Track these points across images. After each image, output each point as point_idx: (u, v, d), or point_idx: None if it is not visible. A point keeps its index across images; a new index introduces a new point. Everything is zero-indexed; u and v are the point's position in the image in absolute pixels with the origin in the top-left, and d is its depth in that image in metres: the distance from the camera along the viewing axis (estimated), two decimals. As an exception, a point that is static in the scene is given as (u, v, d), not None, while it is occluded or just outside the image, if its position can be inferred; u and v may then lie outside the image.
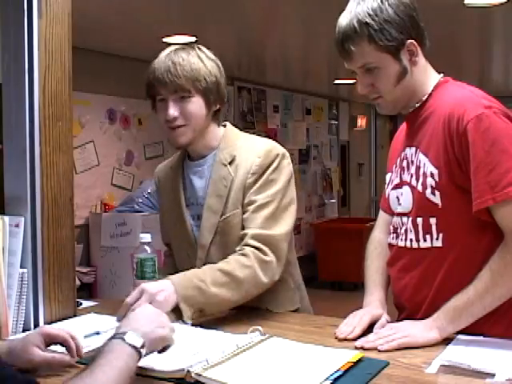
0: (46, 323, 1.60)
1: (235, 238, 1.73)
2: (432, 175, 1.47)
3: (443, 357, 1.29)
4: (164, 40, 4.66)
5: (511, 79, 7.77)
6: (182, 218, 1.83)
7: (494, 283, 1.37)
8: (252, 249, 1.65)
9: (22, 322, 1.55)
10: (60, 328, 1.32)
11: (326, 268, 7.62)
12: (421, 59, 1.54)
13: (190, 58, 1.72)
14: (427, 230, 1.50)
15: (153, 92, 1.75)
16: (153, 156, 5.60)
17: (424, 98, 1.55)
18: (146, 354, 1.13)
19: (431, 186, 1.47)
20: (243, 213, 1.73)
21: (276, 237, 1.69)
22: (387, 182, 1.72)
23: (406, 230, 1.56)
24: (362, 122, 9.44)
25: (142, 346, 1.10)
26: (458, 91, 1.51)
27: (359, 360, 1.27)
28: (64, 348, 1.28)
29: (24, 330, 1.55)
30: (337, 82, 7.27)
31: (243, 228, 1.72)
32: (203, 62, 1.74)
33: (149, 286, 1.53)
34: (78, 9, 1.79)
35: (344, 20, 1.50)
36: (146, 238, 1.70)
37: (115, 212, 4.78)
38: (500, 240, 1.40)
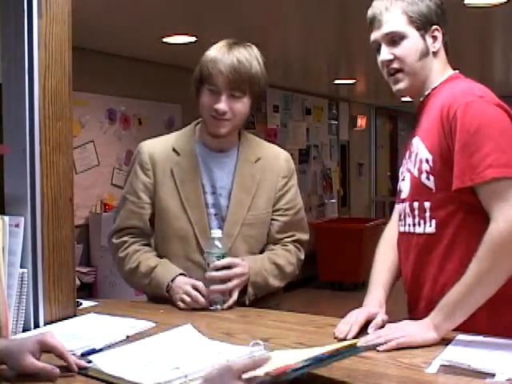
0: (46, 323, 1.60)
1: (262, 233, 1.92)
2: (427, 161, 1.52)
3: (443, 357, 1.29)
4: (164, 40, 4.66)
5: (511, 79, 7.77)
6: (200, 205, 1.87)
7: (482, 273, 1.37)
8: (294, 248, 1.95)
9: (22, 322, 1.55)
10: (60, 343, 1.27)
11: (325, 268, 7.62)
12: (441, 50, 1.61)
13: (252, 59, 1.84)
14: (422, 215, 1.54)
15: (207, 80, 1.81)
16: (153, 156, 5.61)
17: (432, 87, 1.60)
18: None
19: (426, 171, 1.52)
20: (279, 215, 1.93)
21: (306, 240, 2.01)
22: (399, 175, 1.72)
23: (405, 216, 1.61)
24: (361, 121, 9.45)
25: None
26: (459, 84, 1.56)
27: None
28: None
29: (24, 330, 1.55)
30: (337, 81, 7.27)
31: (277, 227, 1.93)
32: (260, 66, 1.86)
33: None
34: (79, 9, 1.79)
35: None
36: (218, 233, 1.78)
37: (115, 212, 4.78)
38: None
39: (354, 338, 1.44)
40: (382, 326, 1.48)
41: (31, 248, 1.59)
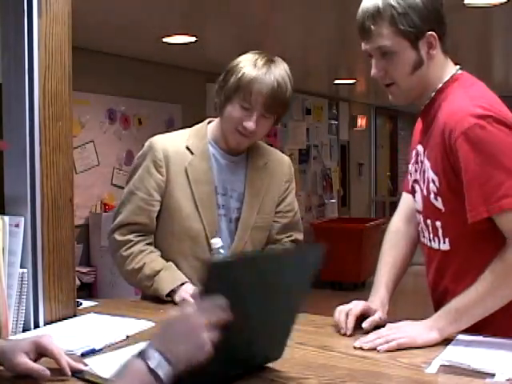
0: (46, 323, 1.60)
1: (266, 236, 1.98)
2: (433, 181, 1.48)
3: (443, 357, 1.29)
4: (164, 40, 4.66)
5: (511, 79, 7.77)
6: (212, 206, 1.88)
7: (496, 285, 1.36)
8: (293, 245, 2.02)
9: (22, 322, 1.55)
10: (56, 346, 1.25)
11: (325, 268, 7.59)
12: (438, 54, 1.50)
13: (287, 81, 1.82)
14: (435, 232, 1.53)
15: (243, 96, 1.79)
16: (153, 156, 5.61)
17: (435, 90, 1.51)
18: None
19: (433, 192, 1.49)
20: (280, 217, 1.99)
21: (302, 240, 2.09)
22: (410, 165, 1.67)
23: (422, 228, 1.60)
24: (361, 121, 9.45)
25: (167, 373, 0.95)
26: (459, 97, 1.47)
27: None
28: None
29: (24, 330, 1.55)
30: (337, 81, 7.28)
31: (277, 229, 1.99)
32: (291, 87, 1.85)
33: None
34: (79, 9, 1.79)
35: None
36: (218, 242, 1.77)
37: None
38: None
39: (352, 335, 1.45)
40: (382, 326, 1.48)
41: (31, 248, 1.59)
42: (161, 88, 5.66)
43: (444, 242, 1.51)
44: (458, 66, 1.56)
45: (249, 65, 1.80)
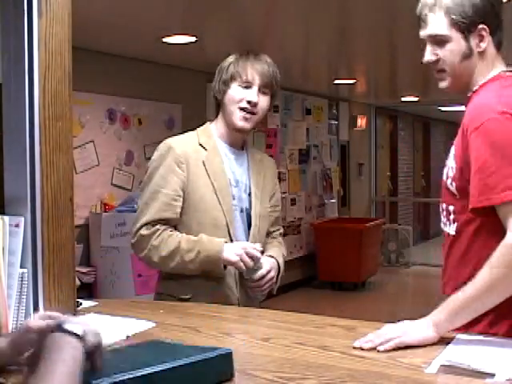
0: (46, 323, 1.60)
1: (267, 224, 2.17)
2: (452, 168, 1.58)
3: (443, 357, 1.29)
4: (164, 40, 4.66)
5: (511, 79, 7.77)
6: (229, 196, 2.04)
7: (494, 281, 1.37)
8: (281, 240, 2.27)
9: (22, 322, 1.55)
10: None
11: (326, 268, 7.62)
12: (490, 48, 1.58)
13: (272, 62, 2.07)
14: (448, 216, 1.63)
15: (239, 77, 2.00)
16: (153, 156, 5.61)
17: (474, 89, 1.60)
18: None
19: (450, 177, 1.58)
20: (272, 211, 2.19)
21: None
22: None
23: (440, 213, 1.69)
24: (361, 121, 9.44)
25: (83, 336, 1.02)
26: (489, 94, 1.54)
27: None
28: None
29: (24, 330, 1.55)
30: (337, 81, 7.27)
31: (271, 222, 2.20)
32: (276, 68, 2.08)
33: None
34: (79, 9, 1.79)
35: None
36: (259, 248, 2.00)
37: (115, 212, 4.79)
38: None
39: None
40: None
41: (31, 248, 1.59)
42: (161, 88, 5.66)
43: (453, 228, 1.59)
44: (506, 68, 1.62)
45: (238, 56, 2.04)
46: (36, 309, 1.60)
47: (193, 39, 4.62)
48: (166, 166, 1.98)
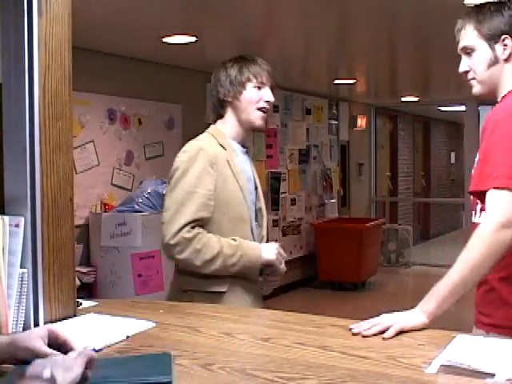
0: (45, 323, 1.60)
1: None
2: (476, 161, 1.69)
3: (443, 357, 1.29)
4: (164, 40, 4.66)
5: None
6: (249, 191, 2.20)
7: (470, 259, 1.52)
8: None
9: (22, 322, 1.55)
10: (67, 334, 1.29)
11: (326, 268, 7.62)
12: None
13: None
14: (474, 206, 1.76)
15: (254, 78, 2.16)
16: (153, 156, 5.61)
17: (502, 95, 1.74)
18: None
19: (475, 168, 1.69)
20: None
21: None
22: None
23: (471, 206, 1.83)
24: (361, 121, 9.44)
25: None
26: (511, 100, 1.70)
27: None
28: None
29: (24, 330, 1.55)
30: (337, 81, 7.27)
31: None
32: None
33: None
34: (79, 9, 1.79)
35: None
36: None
37: (115, 212, 4.79)
38: None
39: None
40: None
41: (31, 248, 1.59)
42: (161, 88, 5.66)
43: (479, 216, 1.73)
44: None
45: (241, 59, 2.19)
46: (36, 309, 1.60)
47: (193, 39, 4.62)
48: (200, 166, 2.06)
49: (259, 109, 2.18)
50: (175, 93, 5.79)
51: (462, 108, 9.23)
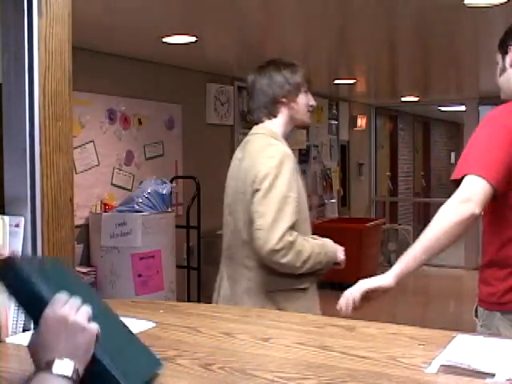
0: (46, 323, 1.60)
1: None
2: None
3: (443, 357, 1.29)
4: (164, 40, 4.66)
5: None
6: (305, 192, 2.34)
7: (432, 229, 1.73)
8: None
9: (22, 322, 1.55)
10: None
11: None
12: None
13: None
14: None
15: (306, 85, 2.38)
16: (153, 156, 5.61)
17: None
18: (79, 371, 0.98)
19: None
20: None
21: None
22: None
23: None
24: (361, 121, 9.44)
25: (76, 371, 0.96)
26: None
27: None
28: None
29: (24, 331, 1.55)
30: (337, 81, 7.27)
31: None
32: None
33: None
34: (79, 9, 1.79)
35: None
36: None
37: (115, 212, 4.78)
38: None
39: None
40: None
41: (31, 248, 1.59)
42: (161, 88, 5.66)
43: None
44: None
45: (292, 64, 2.39)
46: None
47: (193, 39, 4.62)
48: (288, 171, 2.18)
49: (308, 110, 2.40)
50: (175, 93, 5.79)
51: (462, 108, 9.22)
